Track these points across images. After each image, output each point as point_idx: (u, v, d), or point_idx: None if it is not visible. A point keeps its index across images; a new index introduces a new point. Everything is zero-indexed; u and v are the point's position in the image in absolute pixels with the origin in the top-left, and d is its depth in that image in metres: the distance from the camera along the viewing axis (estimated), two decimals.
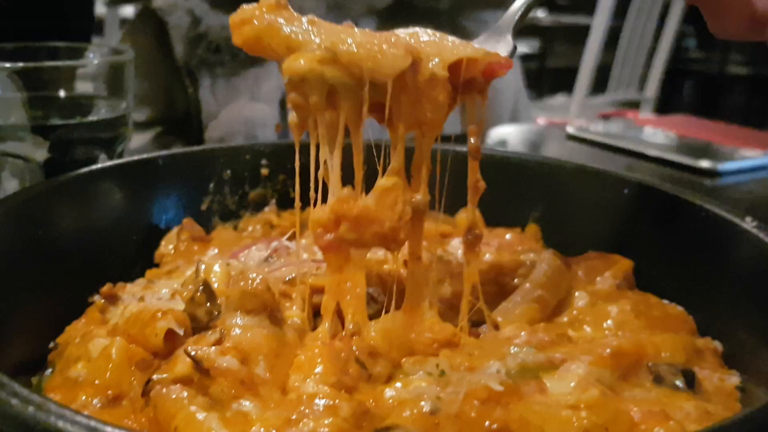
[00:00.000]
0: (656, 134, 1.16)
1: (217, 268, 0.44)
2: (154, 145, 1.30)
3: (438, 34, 0.40)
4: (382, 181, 0.39)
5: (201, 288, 0.40)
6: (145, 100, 1.28)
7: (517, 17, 0.47)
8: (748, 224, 0.47)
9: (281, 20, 0.38)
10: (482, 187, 0.43)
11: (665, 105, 3.12)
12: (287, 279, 0.45)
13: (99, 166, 0.55)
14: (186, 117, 1.28)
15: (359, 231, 0.38)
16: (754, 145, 1.11)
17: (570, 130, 1.18)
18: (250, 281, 0.38)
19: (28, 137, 0.66)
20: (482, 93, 0.41)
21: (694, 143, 1.13)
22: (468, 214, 0.44)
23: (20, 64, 0.63)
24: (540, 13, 3.46)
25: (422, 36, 0.39)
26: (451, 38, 0.40)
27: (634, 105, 2.92)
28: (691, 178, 1.01)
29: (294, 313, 0.41)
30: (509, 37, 0.45)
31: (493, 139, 1.17)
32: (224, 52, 1.20)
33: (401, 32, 0.40)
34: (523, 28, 1.41)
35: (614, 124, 1.29)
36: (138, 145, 1.27)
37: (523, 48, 3.31)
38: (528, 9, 0.48)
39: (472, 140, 0.42)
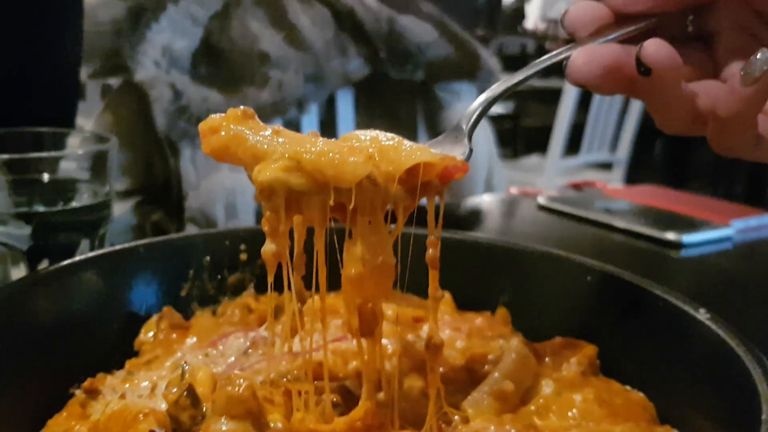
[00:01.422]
0: (624, 205, 1.20)
1: (201, 374, 0.45)
2: (133, 214, 1.32)
3: (396, 138, 0.42)
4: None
5: (185, 392, 0.41)
6: (125, 169, 1.31)
7: (473, 118, 0.49)
8: (702, 315, 0.50)
9: (247, 130, 0.40)
10: (441, 296, 0.45)
11: (637, 164, 3.21)
12: (271, 376, 0.46)
13: (81, 257, 0.57)
14: (166, 186, 1.30)
15: None
16: (720, 215, 1.16)
17: (541, 200, 1.22)
18: (236, 387, 0.39)
19: (10, 222, 0.67)
20: (440, 194, 0.43)
21: (661, 214, 1.17)
22: (429, 324, 0.46)
23: (6, 156, 0.65)
24: None
25: (382, 139, 0.42)
26: (408, 143, 0.42)
27: (607, 166, 3.00)
28: (658, 250, 1.05)
29: (276, 417, 0.42)
30: (466, 140, 0.48)
31: (467, 209, 1.21)
32: None
33: (361, 135, 0.42)
34: None
35: (584, 194, 1.34)
36: (118, 214, 1.28)
37: (498, 108, 3.40)
38: (485, 110, 0.50)
39: (430, 251, 0.44)
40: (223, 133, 0.40)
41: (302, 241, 0.43)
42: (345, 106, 1.50)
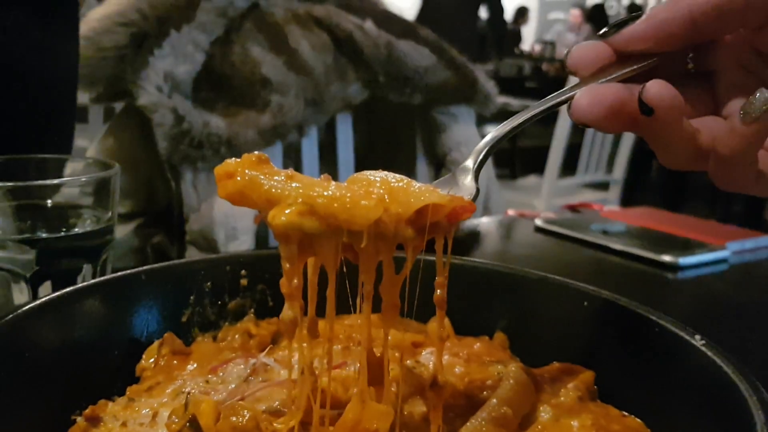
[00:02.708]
0: (621, 227, 1.21)
1: (204, 405, 0.46)
2: (135, 236, 1.33)
3: (405, 179, 0.43)
4: None
5: (188, 423, 0.42)
6: (127, 192, 1.32)
7: (480, 159, 0.50)
8: (697, 341, 0.50)
9: (261, 176, 0.41)
10: (446, 336, 0.46)
11: (633, 185, 3.22)
12: (276, 405, 0.47)
13: (83, 284, 0.57)
14: (167, 209, 1.31)
15: None
16: (716, 237, 1.17)
17: (538, 222, 1.23)
18: (240, 417, 0.40)
19: (13, 247, 0.68)
20: (448, 234, 0.44)
21: (657, 236, 1.18)
22: (435, 364, 0.46)
23: (9, 183, 0.66)
24: (512, 100, 3.62)
25: (391, 181, 0.43)
26: (416, 184, 0.43)
27: (604, 186, 3.01)
28: (654, 272, 1.06)
29: None
30: (473, 181, 0.48)
31: (465, 231, 1.22)
32: (206, 148, 1.25)
33: (371, 176, 0.43)
34: (497, 113, 1.48)
35: (581, 216, 1.35)
36: (119, 236, 1.29)
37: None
38: (492, 149, 0.51)
39: (438, 292, 0.45)
40: (238, 178, 0.41)
41: (315, 303, 0.43)
42: (344, 129, 1.52)
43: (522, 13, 9.17)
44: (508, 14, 8.63)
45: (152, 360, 0.58)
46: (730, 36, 0.51)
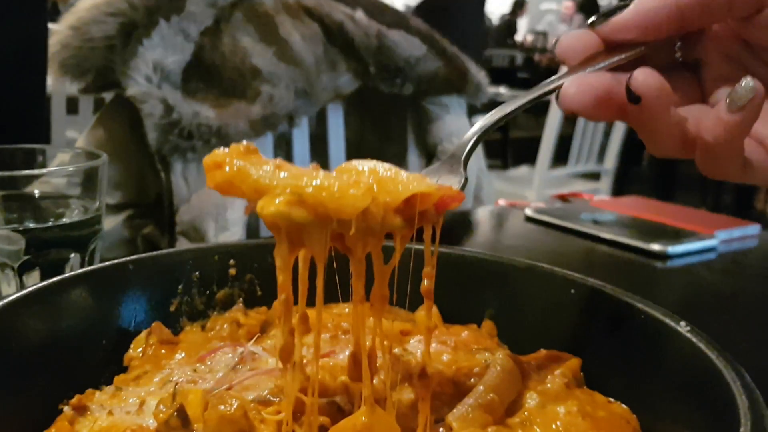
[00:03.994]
0: (610, 216, 1.22)
1: (192, 397, 0.46)
2: (125, 227, 1.32)
3: (393, 168, 0.43)
4: None
5: (176, 412, 0.42)
6: (117, 183, 1.31)
7: (468, 148, 0.50)
8: (682, 328, 0.51)
9: (250, 165, 0.41)
10: (434, 327, 0.46)
11: (624, 175, 3.23)
12: (265, 394, 0.47)
13: (70, 274, 0.57)
14: (157, 200, 1.31)
15: None
16: (704, 226, 1.17)
17: (528, 212, 1.23)
18: (228, 406, 0.40)
19: (1, 237, 0.68)
20: (436, 224, 0.44)
21: (646, 225, 1.18)
22: (423, 355, 0.47)
23: None
24: (502, 90, 3.63)
25: (380, 170, 0.43)
26: (404, 174, 0.43)
27: (595, 176, 3.02)
28: (643, 261, 1.06)
29: None
30: (461, 169, 0.49)
31: (456, 221, 1.22)
32: (196, 138, 1.24)
33: (359, 165, 0.43)
34: (488, 103, 1.47)
35: (571, 206, 1.35)
36: (109, 227, 1.29)
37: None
38: (480, 138, 0.51)
39: (425, 282, 0.45)
40: (227, 168, 0.41)
41: (305, 298, 0.43)
42: (335, 119, 1.51)
43: (520, 5, 9.15)
44: (506, 5, 8.62)
45: (140, 349, 0.58)
46: (717, 26, 0.51)
